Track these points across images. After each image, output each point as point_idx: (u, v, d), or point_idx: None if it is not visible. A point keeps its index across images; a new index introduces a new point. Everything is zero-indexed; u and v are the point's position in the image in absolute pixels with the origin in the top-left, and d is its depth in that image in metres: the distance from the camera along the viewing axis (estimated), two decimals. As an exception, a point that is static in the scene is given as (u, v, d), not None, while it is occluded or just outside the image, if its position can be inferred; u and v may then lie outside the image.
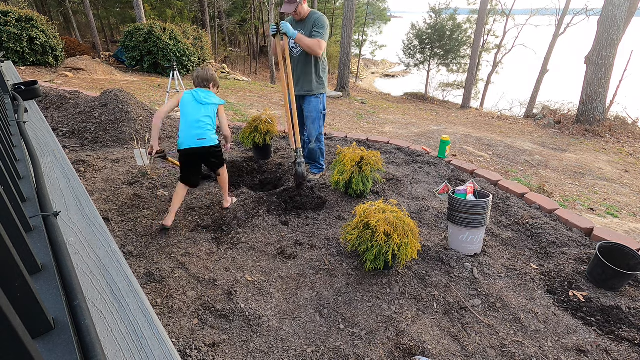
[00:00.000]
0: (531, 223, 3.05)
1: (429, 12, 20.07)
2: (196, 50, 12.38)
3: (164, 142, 4.67)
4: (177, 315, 1.98)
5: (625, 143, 7.27)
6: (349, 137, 5.24)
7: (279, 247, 2.64)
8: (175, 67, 4.59)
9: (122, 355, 0.62)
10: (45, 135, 1.57)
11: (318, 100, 3.50)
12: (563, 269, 2.48)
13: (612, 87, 8.32)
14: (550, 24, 17.01)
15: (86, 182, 3.40)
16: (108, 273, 0.78)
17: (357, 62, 26.65)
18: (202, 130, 2.67)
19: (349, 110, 9.30)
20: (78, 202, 1.05)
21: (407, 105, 13.78)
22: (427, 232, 2.93)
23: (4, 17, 8.58)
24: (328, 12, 28.57)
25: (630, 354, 1.85)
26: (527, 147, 6.23)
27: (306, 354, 1.81)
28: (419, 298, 2.22)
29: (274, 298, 2.17)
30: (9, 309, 0.32)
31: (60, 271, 0.58)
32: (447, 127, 7.71)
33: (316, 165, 3.79)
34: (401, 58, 22.75)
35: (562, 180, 4.73)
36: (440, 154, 4.51)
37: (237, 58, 24.51)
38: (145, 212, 3.00)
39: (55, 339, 0.48)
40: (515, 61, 22.55)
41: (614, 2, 7.35)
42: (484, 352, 1.86)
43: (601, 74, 7.75)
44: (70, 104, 5.39)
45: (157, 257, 2.46)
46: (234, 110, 7.03)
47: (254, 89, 11.42)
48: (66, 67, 9.86)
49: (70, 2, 19.06)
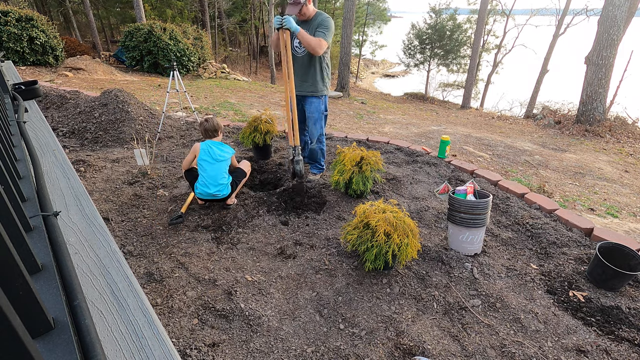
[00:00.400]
0: (531, 223, 3.05)
1: (429, 12, 20.07)
2: (196, 50, 12.38)
3: (164, 141, 4.67)
4: (177, 315, 1.99)
5: (625, 143, 7.27)
6: (349, 137, 5.24)
7: (279, 247, 2.64)
8: (175, 67, 4.59)
9: (122, 355, 0.62)
10: (45, 135, 1.57)
11: (320, 101, 3.50)
12: (563, 269, 2.48)
13: (612, 87, 8.32)
14: (550, 24, 17.01)
15: (86, 182, 3.40)
16: (108, 273, 0.78)
17: (357, 62, 26.65)
18: (218, 187, 2.91)
19: (349, 110, 9.30)
20: (78, 202, 1.05)
21: (407, 105, 13.78)
22: (427, 232, 2.93)
23: (4, 17, 8.59)
24: (328, 12, 28.57)
25: (630, 354, 1.85)
26: (527, 147, 6.23)
27: (306, 354, 1.81)
28: (419, 298, 2.22)
29: (274, 298, 2.17)
30: (9, 309, 0.32)
31: (60, 271, 0.58)
32: (447, 127, 7.71)
33: (316, 166, 3.80)
34: (401, 58, 22.75)
35: (562, 181, 4.73)
36: (440, 154, 4.51)
37: (237, 58, 24.51)
38: (145, 212, 3.00)
39: (55, 338, 0.48)
40: (515, 61, 22.55)
41: (614, 2, 7.35)
42: (484, 352, 1.86)
43: (601, 74, 7.75)
44: (70, 103, 5.39)
45: (157, 257, 2.46)
46: (234, 110, 7.03)
47: (254, 88, 11.43)
48: (66, 67, 9.87)
49: (70, 2, 19.07)
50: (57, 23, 18.17)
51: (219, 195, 2.93)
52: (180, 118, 5.58)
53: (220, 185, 2.92)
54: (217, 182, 2.91)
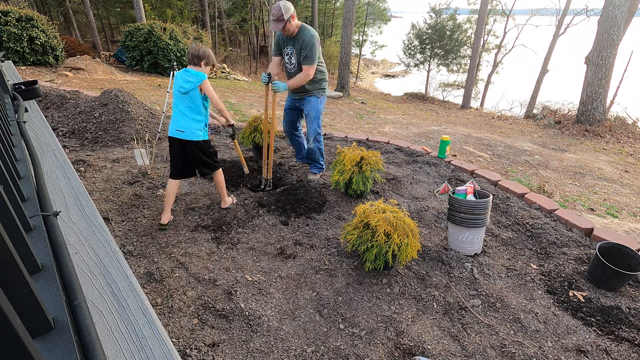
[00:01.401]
0: (531, 223, 3.05)
1: (429, 12, 20.04)
2: (196, 50, 12.36)
3: (164, 141, 4.67)
4: (177, 315, 1.99)
5: (625, 143, 7.27)
6: (349, 137, 5.24)
7: (279, 247, 2.64)
8: (175, 67, 4.59)
9: (122, 355, 0.62)
10: (45, 135, 1.57)
11: (318, 100, 3.52)
12: (563, 269, 2.48)
13: (612, 87, 8.31)
14: (550, 24, 17.00)
15: (86, 181, 3.40)
16: (108, 273, 0.78)
17: (357, 62, 26.64)
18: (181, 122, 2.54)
19: (349, 110, 9.30)
20: (78, 201, 1.05)
21: (407, 105, 13.78)
22: (427, 232, 2.93)
23: (4, 17, 8.58)
24: (328, 12, 28.57)
25: (630, 354, 1.85)
26: (527, 147, 6.23)
27: (306, 354, 1.81)
28: (419, 298, 2.22)
29: (274, 298, 2.17)
30: (9, 309, 0.32)
31: (60, 271, 0.58)
32: (447, 127, 7.71)
33: (316, 165, 3.80)
34: (401, 58, 22.72)
35: (562, 181, 4.73)
36: (440, 154, 4.51)
37: (237, 58, 24.51)
38: (145, 211, 3.00)
39: (55, 338, 0.48)
40: (516, 61, 22.52)
41: (614, 2, 7.35)
42: (483, 352, 1.86)
43: (601, 74, 7.75)
44: (70, 103, 5.39)
45: (157, 256, 2.46)
46: (234, 110, 7.03)
47: (254, 88, 11.42)
48: (66, 67, 9.86)
49: (71, 2, 19.06)
50: (57, 23, 18.16)
51: (180, 134, 2.56)
52: (180, 118, 5.57)
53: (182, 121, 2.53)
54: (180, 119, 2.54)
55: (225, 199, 3.06)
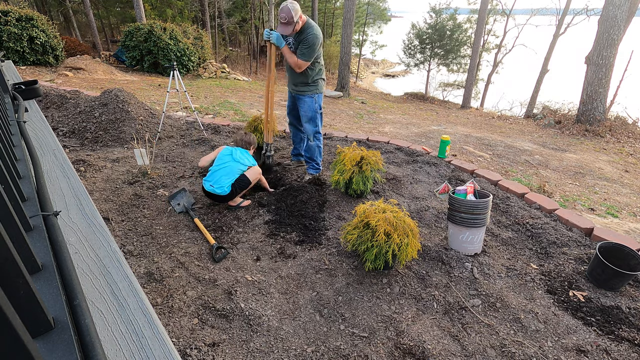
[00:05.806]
0: (531, 223, 3.04)
1: (429, 12, 20.02)
2: (196, 49, 12.37)
3: (164, 141, 4.67)
4: (177, 315, 1.99)
5: (626, 143, 7.26)
6: (349, 137, 5.24)
7: (279, 247, 2.64)
8: (175, 67, 4.59)
9: (122, 355, 0.62)
10: (46, 135, 1.57)
11: (312, 100, 3.52)
12: (563, 269, 2.48)
13: (613, 87, 8.31)
14: (550, 24, 16.98)
15: (86, 181, 3.40)
16: (108, 272, 0.78)
17: (357, 62, 26.63)
18: (216, 185, 2.93)
19: (349, 110, 9.30)
20: (78, 201, 1.05)
21: (407, 105, 13.77)
22: (427, 232, 2.93)
23: (4, 17, 8.59)
24: (328, 12, 28.55)
25: (630, 354, 1.85)
26: (527, 147, 6.23)
27: (306, 354, 1.81)
28: (419, 298, 2.22)
29: (274, 298, 2.17)
30: (9, 309, 0.32)
31: (60, 271, 0.58)
32: (447, 127, 7.71)
33: (313, 166, 3.80)
34: (401, 58, 22.70)
35: (562, 180, 4.73)
36: (440, 154, 4.51)
37: (237, 58, 24.50)
38: (145, 211, 3.00)
39: (55, 338, 0.48)
40: (516, 61, 22.50)
41: (614, 2, 7.35)
42: (484, 352, 1.86)
43: (601, 74, 7.75)
44: (70, 103, 5.39)
45: (157, 256, 2.46)
46: (234, 110, 7.03)
47: (254, 88, 11.42)
48: (66, 67, 9.86)
49: (71, 2, 19.05)
50: (57, 23, 18.17)
51: (212, 189, 2.95)
52: (181, 118, 5.58)
53: (220, 181, 2.95)
54: (218, 180, 2.94)
55: (238, 198, 3.16)
